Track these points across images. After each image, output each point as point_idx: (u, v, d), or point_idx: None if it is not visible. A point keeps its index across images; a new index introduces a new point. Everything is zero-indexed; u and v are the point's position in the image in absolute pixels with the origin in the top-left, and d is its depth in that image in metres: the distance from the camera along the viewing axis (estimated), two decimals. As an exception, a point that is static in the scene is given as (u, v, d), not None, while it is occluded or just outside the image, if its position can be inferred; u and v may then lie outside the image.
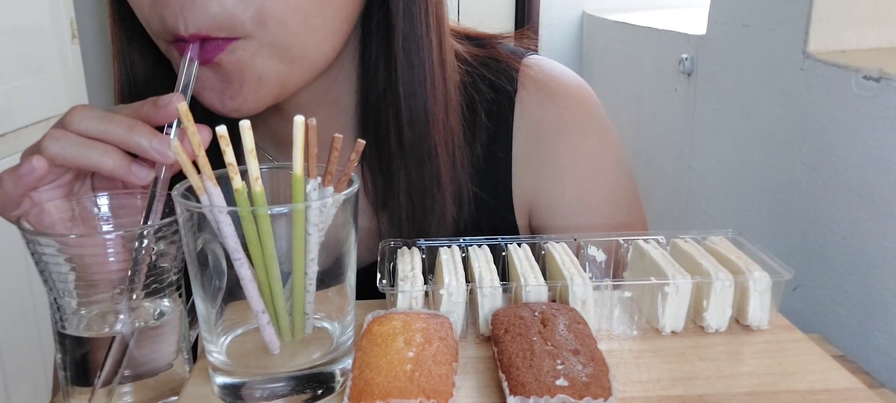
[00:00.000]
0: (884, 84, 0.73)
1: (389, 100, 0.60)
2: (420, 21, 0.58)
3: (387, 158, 0.62)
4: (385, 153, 0.61)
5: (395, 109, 0.59)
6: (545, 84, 0.68)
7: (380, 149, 0.62)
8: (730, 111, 1.07)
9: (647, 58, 1.48)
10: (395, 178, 0.62)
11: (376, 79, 0.61)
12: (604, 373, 0.43)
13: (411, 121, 0.59)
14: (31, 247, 0.44)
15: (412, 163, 0.61)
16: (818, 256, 0.84)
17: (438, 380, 0.42)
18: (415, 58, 0.58)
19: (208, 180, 0.41)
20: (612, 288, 0.54)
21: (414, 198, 0.62)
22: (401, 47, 0.58)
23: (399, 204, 0.62)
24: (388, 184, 0.62)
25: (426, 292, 0.52)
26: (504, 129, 0.67)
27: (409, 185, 0.61)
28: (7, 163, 0.55)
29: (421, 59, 0.58)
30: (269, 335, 0.44)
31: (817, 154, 0.84)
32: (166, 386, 0.48)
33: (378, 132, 0.62)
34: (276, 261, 0.42)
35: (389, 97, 0.60)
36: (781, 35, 0.92)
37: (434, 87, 0.59)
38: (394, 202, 0.62)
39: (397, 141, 0.60)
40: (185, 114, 0.41)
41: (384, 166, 0.62)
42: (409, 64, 0.58)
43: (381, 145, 0.62)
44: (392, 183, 0.62)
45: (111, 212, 0.50)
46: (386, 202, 0.63)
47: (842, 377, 0.48)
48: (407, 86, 0.59)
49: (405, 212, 0.62)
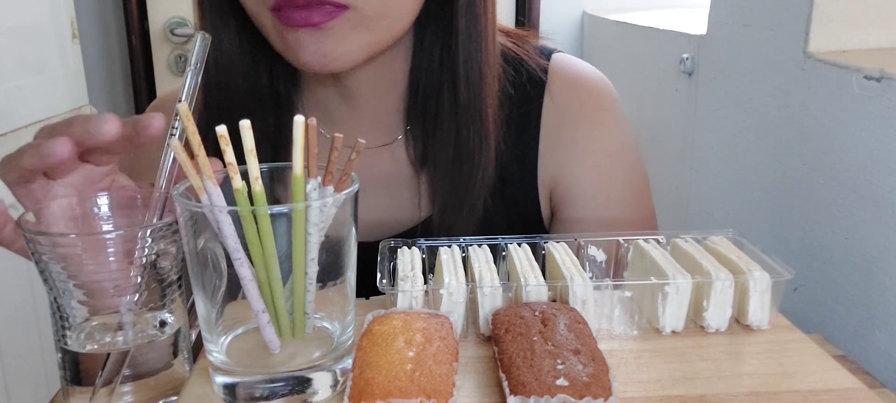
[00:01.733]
0: (885, 84, 0.73)
1: (445, 66, 0.66)
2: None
3: (437, 121, 0.68)
4: (437, 116, 0.68)
5: (452, 73, 0.66)
6: (571, 76, 0.73)
7: (429, 112, 0.68)
8: (730, 111, 1.07)
9: (648, 58, 1.48)
10: (445, 136, 0.67)
11: (433, 48, 0.67)
12: (604, 373, 0.43)
13: (468, 82, 0.66)
14: (31, 247, 0.44)
15: (463, 122, 0.67)
16: (819, 256, 0.84)
17: (439, 380, 0.42)
18: (473, 29, 0.66)
19: (208, 180, 0.41)
20: (613, 288, 0.54)
21: (462, 156, 0.67)
22: (463, 18, 0.65)
23: (447, 157, 0.67)
24: (436, 145, 0.68)
25: (426, 292, 0.52)
26: (533, 119, 0.72)
27: (458, 143, 0.67)
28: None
29: (478, 31, 0.66)
30: (269, 335, 0.44)
31: (818, 154, 0.84)
32: (166, 386, 0.48)
33: (427, 96, 0.68)
34: (276, 261, 0.42)
35: (446, 63, 0.66)
36: (782, 35, 0.92)
37: (488, 54, 0.67)
38: (441, 158, 0.68)
39: (452, 101, 0.67)
40: (185, 115, 0.41)
41: (432, 129, 0.68)
42: (469, 35, 0.66)
43: (429, 108, 0.68)
44: (441, 142, 0.67)
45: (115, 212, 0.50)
46: (433, 161, 0.68)
47: (842, 377, 0.48)
48: (465, 52, 0.66)
49: (452, 168, 0.67)
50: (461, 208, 0.68)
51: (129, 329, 0.46)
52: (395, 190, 0.72)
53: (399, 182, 0.72)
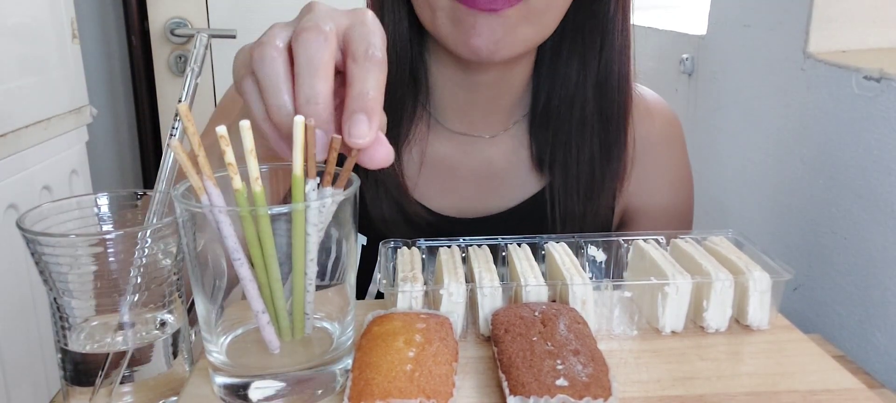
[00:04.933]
0: (884, 84, 0.73)
1: (589, 76, 0.70)
2: (627, 19, 0.70)
3: (572, 128, 0.71)
4: (576, 124, 0.71)
5: (598, 85, 0.70)
6: (647, 104, 0.78)
7: (563, 119, 0.71)
8: (730, 111, 1.07)
9: (648, 58, 1.48)
10: (582, 145, 0.71)
11: (571, 57, 0.71)
12: (604, 373, 0.43)
13: (618, 93, 0.71)
14: (31, 247, 0.44)
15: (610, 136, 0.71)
16: (818, 256, 0.84)
17: (438, 380, 0.42)
18: (624, 45, 0.71)
19: (208, 180, 0.41)
20: (612, 288, 0.54)
21: (595, 167, 0.71)
22: (619, 34, 0.70)
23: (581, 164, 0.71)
24: (568, 152, 0.71)
25: (426, 292, 0.52)
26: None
27: (601, 156, 0.72)
28: (7, 164, 0.55)
29: (626, 46, 0.71)
30: (269, 335, 0.44)
31: (818, 154, 0.84)
32: (166, 386, 0.48)
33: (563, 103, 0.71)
34: (276, 261, 0.42)
35: (589, 74, 0.70)
36: (782, 35, 0.92)
37: (630, 70, 0.72)
38: (572, 165, 0.71)
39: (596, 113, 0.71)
40: (184, 115, 0.41)
41: (566, 135, 0.71)
42: (620, 48, 0.70)
43: (564, 115, 0.71)
44: (574, 149, 0.71)
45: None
46: (563, 166, 0.72)
47: (842, 377, 0.48)
48: (618, 66, 0.71)
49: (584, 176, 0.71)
50: (584, 217, 0.72)
51: (129, 329, 0.46)
52: (491, 177, 0.75)
53: (496, 171, 0.75)
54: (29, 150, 1.21)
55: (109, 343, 0.46)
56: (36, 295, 1.20)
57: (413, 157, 0.73)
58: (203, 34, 0.54)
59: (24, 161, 1.19)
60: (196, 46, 0.53)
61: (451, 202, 0.74)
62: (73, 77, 1.36)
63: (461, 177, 0.74)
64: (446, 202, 0.74)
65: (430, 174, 0.73)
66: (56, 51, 1.31)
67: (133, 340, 0.46)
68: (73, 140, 1.36)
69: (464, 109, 0.73)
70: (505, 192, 0.74)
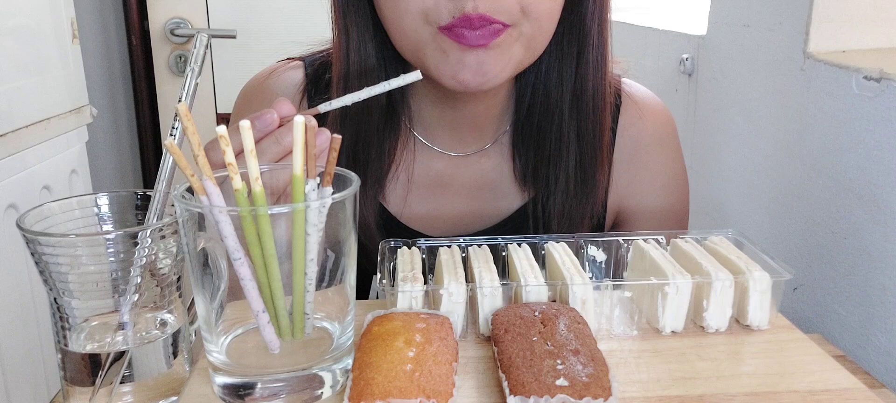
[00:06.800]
0: (884, 84, 0.73)
1: (565, 90, 0.69)
2: (604, 31, 0.69)
3: (552, 142, 0.70)
4: (554, 138, 0.70)
5: (575, 98, 0.69)
6: (641, 103, 0.78)
7: (544, 132, 0.71)
8: (730, 111, 1.07)
9: (648, 58, 1.48)
10: (563, 158, 0.70)
11: (550, 72, 0.69)
12: (604, 373, 0.43)
13: (593, 108, 0.70)
14: (31, 247, 0.44)
15: (586, 148, 0.71)
16: (818, 256, 0.84)
17: (438, 380, 0.42)
18: (600, 59, 0.69)
19: (208, 180, 0.41)
20: (612, 288, 0.54)
21: (578, 178, 0.71)
22: (594, 50, 0.68)
23: (565, 178, 0.71)
24: (551, 165, 0.71)
25: (426, 292, 0.52)
26: (611, 137, 0.76)
27: (580, 167, 0.71)
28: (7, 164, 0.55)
29: (602, 60, 0.70)
30: (269, 335, 0.44)
31: (818, 154, 0.84)
32: (166, 386, 0.48)
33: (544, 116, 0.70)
34: (275, 261, 0.42)
35: (565, 88, 0.69)
36: (782, 35, 0.92)
37: (607, 83, 0.70)
38: (554, 179, 0.71)
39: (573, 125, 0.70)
40: (184, 115, 0.41)
41: (548, 149, 0.71)
42: (596, 65, 0.69)
43: (545, 128, 0.71)
44: (556, 163, 0.70)
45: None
46: (545, 179, 0.71)
47: (842, 377, 0.48)
48: (593, 80, 0.69)
49: (567, 189, 0.71)
50: (571, 227, 0.72)
51: (129, 329, 0.46)
52: (478, 193, 0.74)
53: (483, 186, 0.74)
54: (29, 150, 1.21)
55: (109, 343, 0.46)
56: (36, 295, 1.20)
57: (399, 183, 0.72)
58: (203, 34, 0.54)
59: (24, 161, 1.19)
60: (196, 46, 0.53)
61: (440, 225, 0.73)
62: (73, 77, 1.36)
63: (449, 197, 0.74)
64: (436, 225, 0.73)
65: (417, 196, 0.73)
66: (56, 51, 1.31)
67: (133, 340, 0.46)
68: (73, 140, 1.36)
69: (449, 128, 0.73)
70: (492, 207, 0.74)
